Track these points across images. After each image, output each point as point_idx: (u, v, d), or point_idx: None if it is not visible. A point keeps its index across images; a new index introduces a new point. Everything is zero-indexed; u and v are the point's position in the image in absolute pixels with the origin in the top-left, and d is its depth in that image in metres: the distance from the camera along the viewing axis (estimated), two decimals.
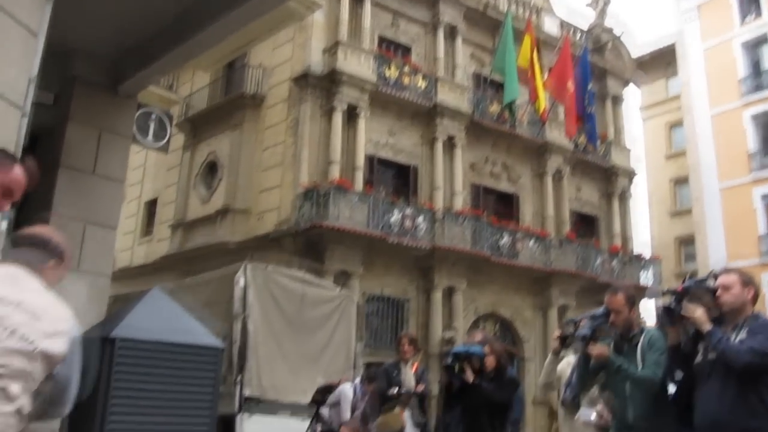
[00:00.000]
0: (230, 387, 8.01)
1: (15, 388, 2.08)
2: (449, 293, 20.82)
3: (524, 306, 22.95)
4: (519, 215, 23.64)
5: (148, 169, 25.61)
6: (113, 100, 7.30)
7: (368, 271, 19.32)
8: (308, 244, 18.77)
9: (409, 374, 6.40)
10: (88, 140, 7.10)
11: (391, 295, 20.03)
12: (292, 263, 17.80)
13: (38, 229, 2.45)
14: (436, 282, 20.46)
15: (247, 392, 8.27)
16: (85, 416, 4.13)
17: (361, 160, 19.90)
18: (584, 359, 4.09)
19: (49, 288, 2.26)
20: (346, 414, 7.15)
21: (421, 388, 6.37)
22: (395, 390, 6.17)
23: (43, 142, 7.11)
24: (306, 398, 8.02)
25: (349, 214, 18.56)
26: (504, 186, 23.82)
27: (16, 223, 4.00)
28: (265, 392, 8.54)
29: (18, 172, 2.40)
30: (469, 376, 4.96)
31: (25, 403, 2.11)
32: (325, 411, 7.23)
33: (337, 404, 7.24)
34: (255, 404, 8.35)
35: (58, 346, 2.15)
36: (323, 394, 7.58)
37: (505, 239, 21.92)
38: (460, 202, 21.65)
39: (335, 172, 19.27)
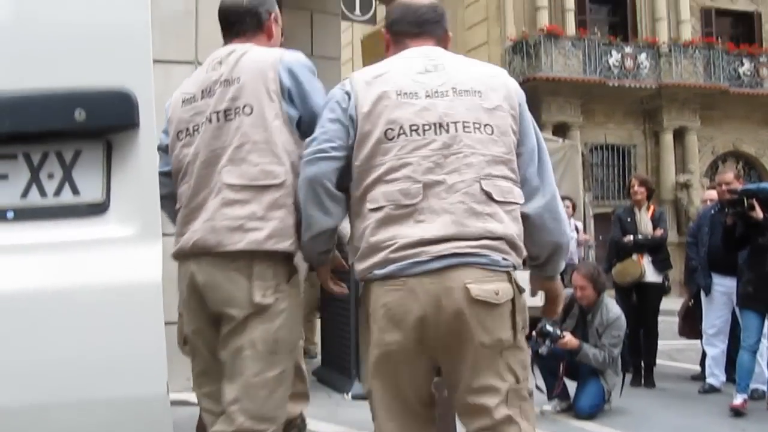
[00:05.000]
0: None
1: None
2: (681, 134, 19.26)
3: None
4: (762, 36, 20.66)
5: (356, 46, 26.26)
6: None
7: (588, 120, 18.46)
8: None
9: (644, 219, 6.08)
10: (302, 24, 7.40)
11: (615, 142, 19.05)
12: None
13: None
14: (665, 123, 18.99)
15: None
16: None
17: (570, 1, 18.53)
18: None
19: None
20: None
21: (659, 232, 6.06)
22: (630, 238, 5.96)
23: None
24: None
25: (562, 62, 17.64)
26: (742, 5, 20.81)
27: None
28: None
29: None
30: (759, 213, 4.68)
31: None
32: None
33: None
34: None
35: None
36: None
37: (746, 66, 19.44)
38: (688, 31, 19.41)
39: (544, 19, 18.20)
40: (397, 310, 1.70)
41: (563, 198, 7.65)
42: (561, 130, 17.50)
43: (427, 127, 1.75)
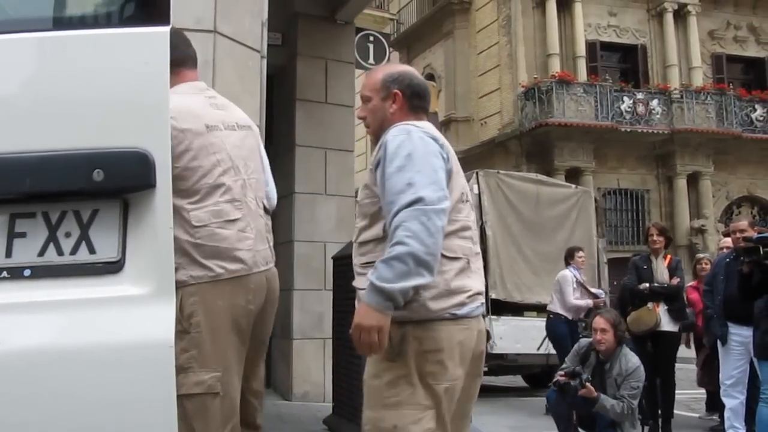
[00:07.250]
0: None
1: None
2: (694, 179, 19.22)
3: None
4: None
5: None
6: (333, 30, 7.62)
7: (601, 165, 18.50)
8: (535, 144, 18.38)
9: (661, 267, 6.04)
10: (317, 72, 7.53)
11: (628, 187, 19.03)
12: (520, 165, 17.64)
13: None
14: (679, 168, 18.98)
15: (492, 295, 8.48)
16: None
17: (581, 48, 18.76)
18: None
19: None
20: (569, 295, 7.16)
21: (676, 281, 6.01)
22: (646, 286, 5.92)
23: (278, 81, 7.71)
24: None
25: (574, 108, 17.76)
26: (752, 51, 20.96)
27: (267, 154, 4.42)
28: (510, 294, 8.72)
29: None
30: None
31: None
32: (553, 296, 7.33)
33: (558, 291, 7.25)
34: (501, 306, 8.56)
35: None
36: None
37: (758, 111, 19.47)
38: (700, 77, 19.55)
39: (555, 66, 18.41)
40: (466, 347, 1.98)
41: (576, 249, 7.58)
42: (573, 175, 17.52)
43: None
